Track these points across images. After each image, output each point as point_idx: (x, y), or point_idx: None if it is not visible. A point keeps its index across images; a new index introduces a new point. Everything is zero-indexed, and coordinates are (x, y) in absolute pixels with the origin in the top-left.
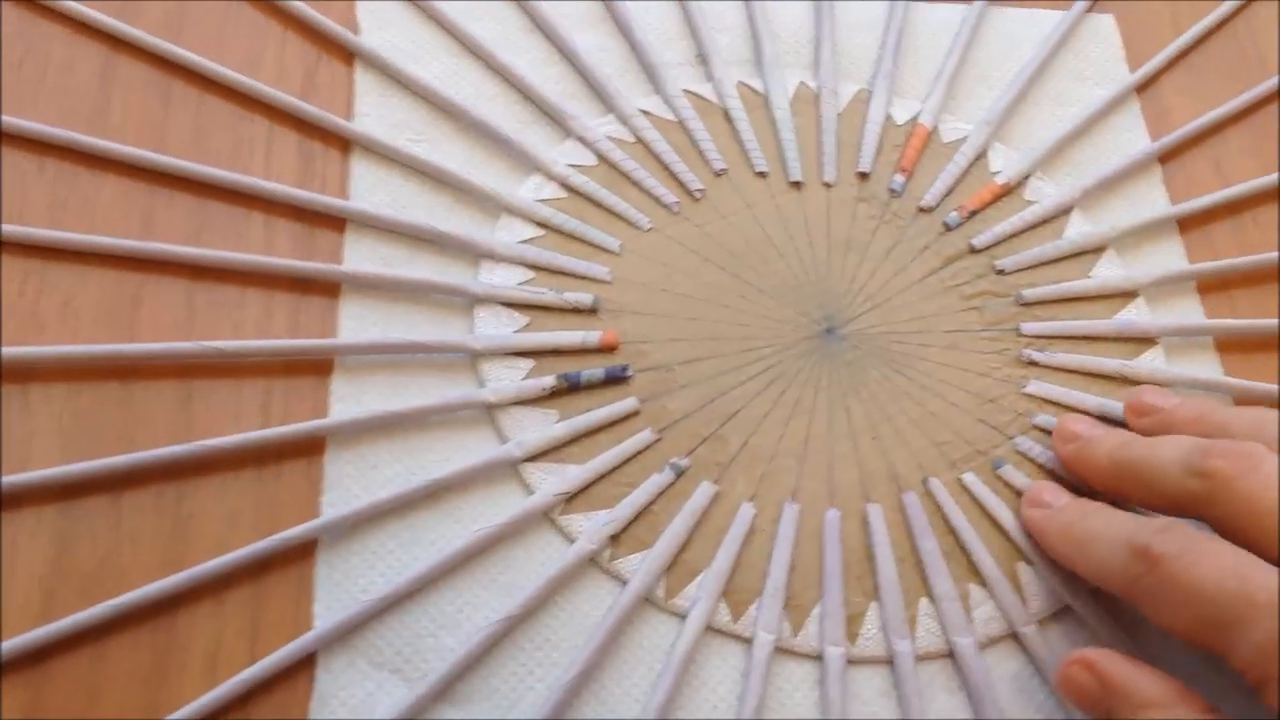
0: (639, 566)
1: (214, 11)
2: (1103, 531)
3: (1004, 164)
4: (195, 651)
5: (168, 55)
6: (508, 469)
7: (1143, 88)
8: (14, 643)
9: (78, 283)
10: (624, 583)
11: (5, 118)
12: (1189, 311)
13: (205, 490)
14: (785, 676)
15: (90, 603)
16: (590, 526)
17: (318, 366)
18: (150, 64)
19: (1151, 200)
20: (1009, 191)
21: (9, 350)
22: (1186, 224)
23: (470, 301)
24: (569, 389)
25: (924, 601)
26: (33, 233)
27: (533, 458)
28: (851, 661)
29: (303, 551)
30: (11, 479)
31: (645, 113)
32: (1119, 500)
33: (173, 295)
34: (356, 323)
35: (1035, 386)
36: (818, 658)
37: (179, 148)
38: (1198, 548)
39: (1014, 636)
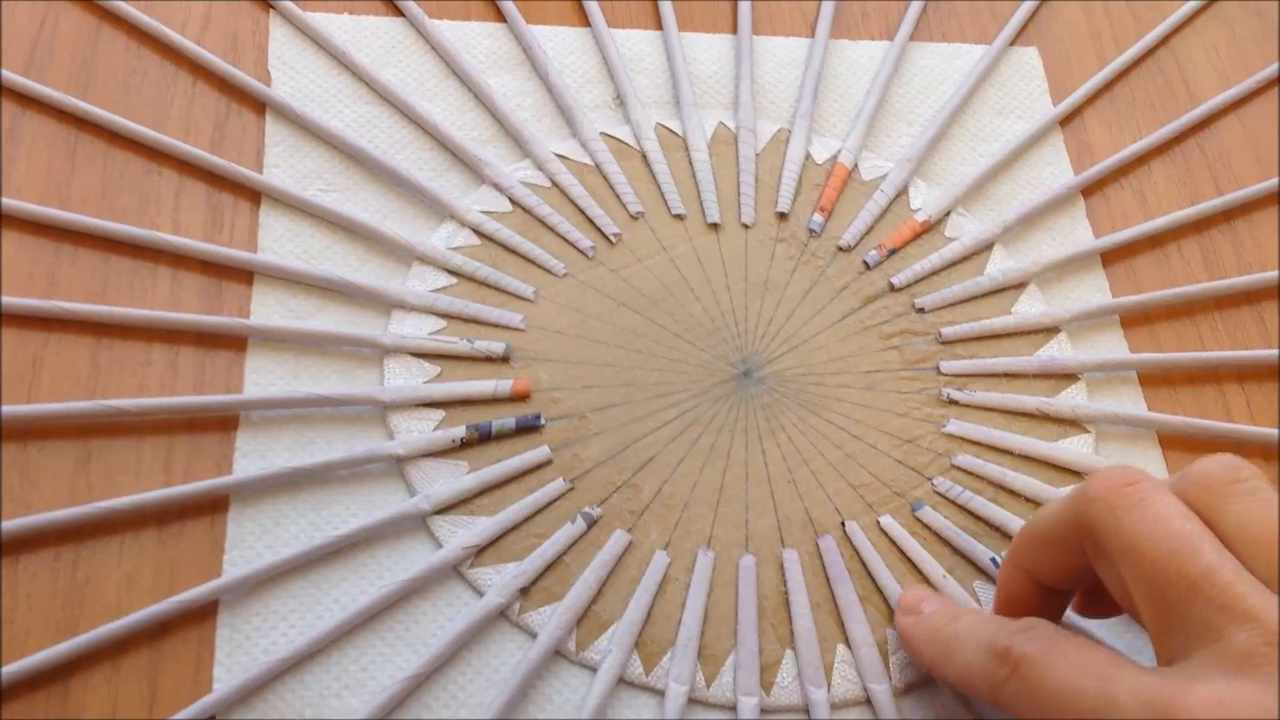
0: (549, 619)
1: (122, 63)
2: (967, 635)
3: (924, 201)
4: (91, 717)
5: (72, 110)
6: (416, 522)
7: (1066, 121)
8: None
9: None
10: (534, 636)
11: None
12: (1112, 346)
13: (103, 552)
14: None
15: None
16: (500, 580)
17: (223, 422)
18: (54, 119)
19: (1075, 234)
20: (929, 229)
21: None
22: (1109, 257)
23: (380, 353)
24: (480, 439)
25: (841, 648)
26: None
27: (442, 510)
28: (766, 711)
29: (204, 613)
30: None
31: (561, 156)
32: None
33: (76, 353)
34: (263, 377)
35: (955, 426)
36: (732, 708)
37: (84, 203)
38: (1057, 647)
39: (931, 681)
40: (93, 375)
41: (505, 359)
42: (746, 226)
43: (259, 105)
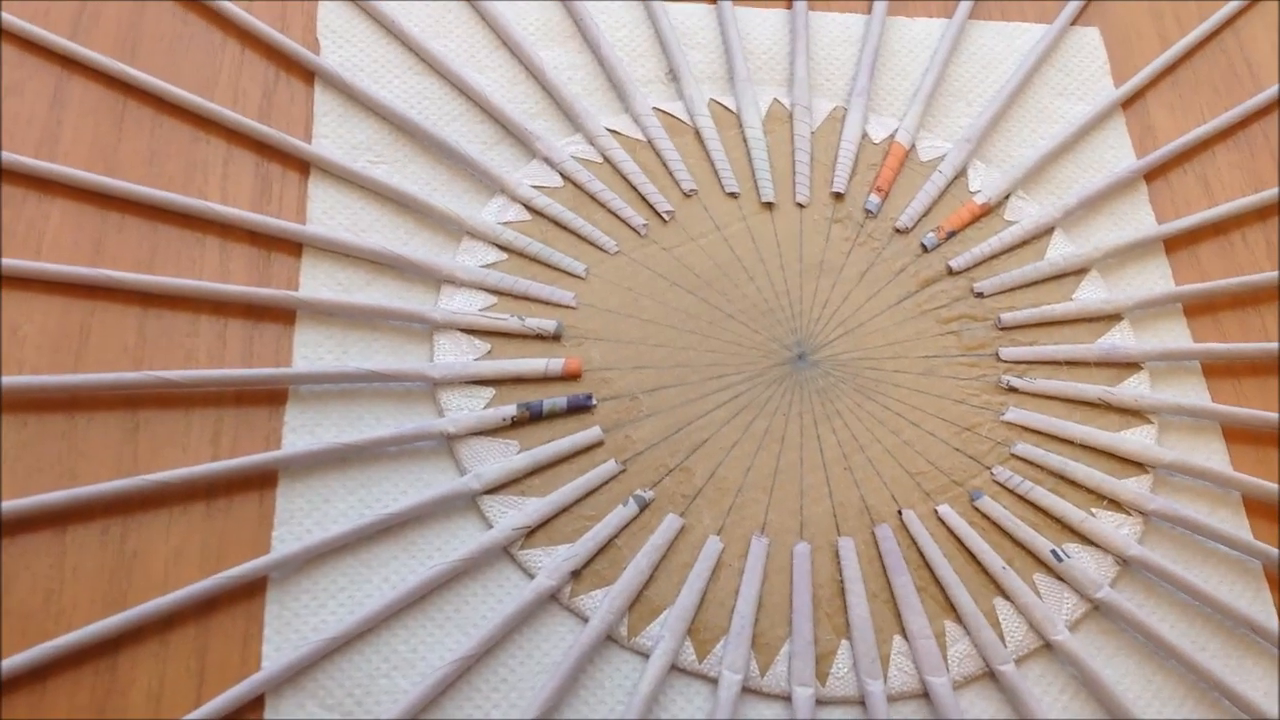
0: (601, 603)
1: (169, 31)
2: None
3: (984, 183)
4: (138, 693)
5: (121, 76)
6: (466, 502)
7: (1128, 103)
8: None
9: (25, 310)
10: (585, 620)
11: None
12: (1175, 335)
13: (151, 525)
14: (753, 718)
15: (32, 641)
16: (550, 562)
17: (271, 396)
18: (103, 85)
19: (1137, 220)
20: (988, 211)
21: None
22: (1173, 244)
23: (430, 328)
24: (531, 419)
25: (897, 639)
26: None
27: (492, 490)
28: (821, 702)
29: (252, 589)
30: None
31: (613, 132)
32: None
33: (123, 323)
34: (312, 350)
35: (1014, 414)
36: (786, 698)
37: (132, 171)
38: None
39: (991, 675)
40: (139, 345)
41: (556, 337)
42: (801, 206)
43: (308, 74)
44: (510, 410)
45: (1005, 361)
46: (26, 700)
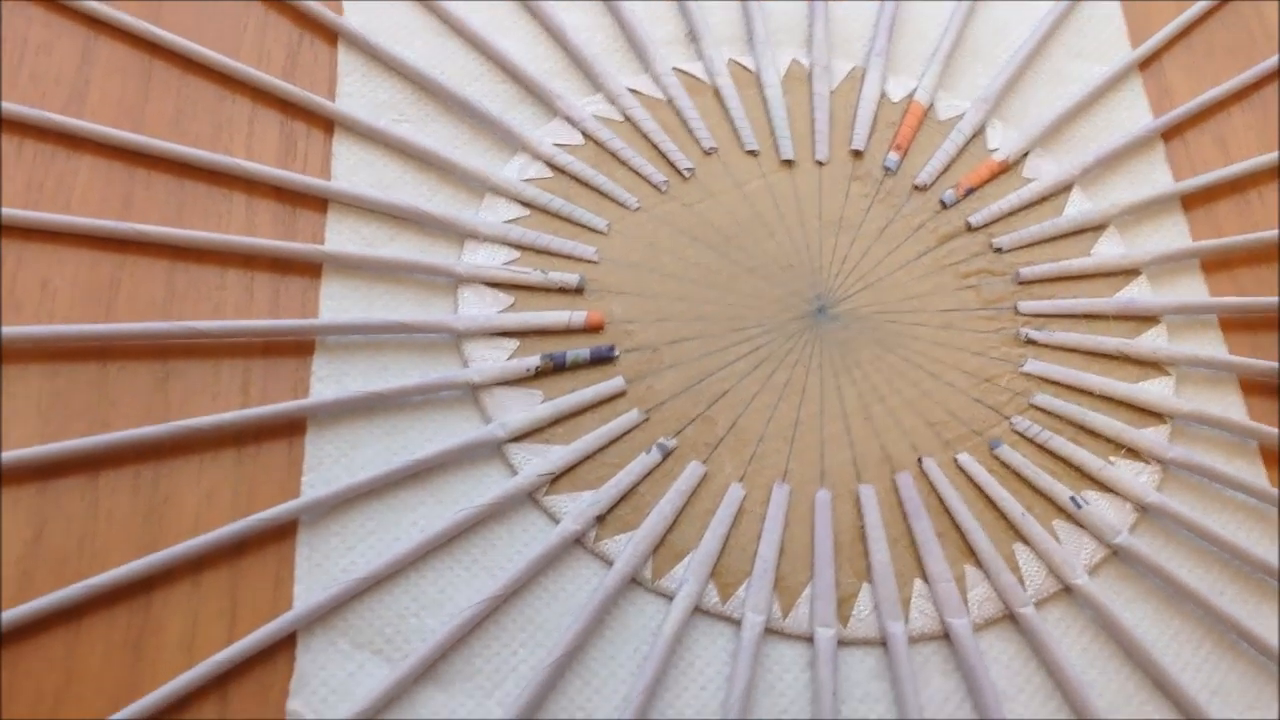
0: (625, 547)
1: None
2: None
3: (1002, 141)
4: (172, 632)
5: (148, 36)
6: (491, 449)
7: (1145, 64)
8: None
9: (55, 263)
10: (610, 564)
11: None
12: (1192, 289)
13: (183, 471)
14: (775, 658)
15: (66, 583)
16: (575, 507)
17: (298, 347)
18: (130, 45)
19: (1154, 178)
20: (1007, 169)
21: None
22: (1190, 201)
23: (454, 282)
24: (554, 369)
25: (918, 582)
26: (9, 213)
27: (517, 438)
28: (843, 643)
29: (282, 532)
30: None
31: (634, 91)
32: None
33: (152, 276)
34: (338, 303)
35: (1033, 365)
36: (808, 639)
37: (159, 128)
38: None
39: (1011, 618)
40: (168, 298)
41: (579, 290)
42: (820, 164)
43: (331, 35)
44: (534, 361)
45: (1024, 315)
46: (63, 638)
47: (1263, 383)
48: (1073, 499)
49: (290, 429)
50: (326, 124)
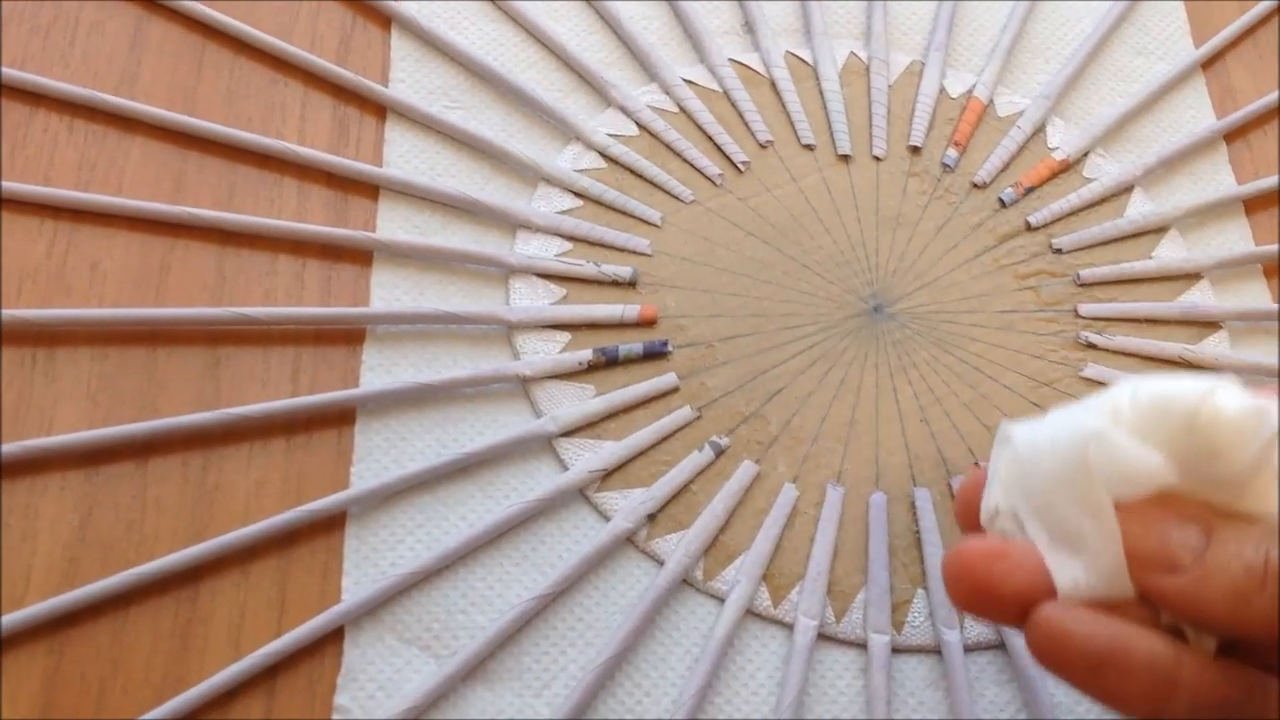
0: (677, 547)
1: None
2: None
3: (1062, 140)
4: (219, 623)
5: (200, 17)
6: (542, 444)
7: (1208, 64)
8: (37, 609)
9: (106, 245)
10: (661, 563)
11: (34, 77)
12: (1255, 295)
13: (232, 459)
14: (828, 664)
15: (113, 570)
16: (627, 505)
17: (349, 335)
18: (182, 26)
19: (1216, 180)
20: (1067, 168)
21: (35, 312)
22: (1253, 205)
23: (506, 272)
24: (606, 364)
25: None
26: (61, 194)
27: (568, 433)
28: (897, 650)
29: (331, 524)
30: (36, 443)
31: (689, 82)
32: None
33: (202, 260)
34: (389, 292)
35: (1093, 370)
36: (862, 645)
37: (211, 111)
38: None
39: None
40: (219, 283)
41: (632, 284)
42: (878, 159)
43: (384, 19)
44: (586, 355)
45: (1084, 318)
46: (109, 626)
47: None
48: None
49: (340, 418)
50: (379, 110)
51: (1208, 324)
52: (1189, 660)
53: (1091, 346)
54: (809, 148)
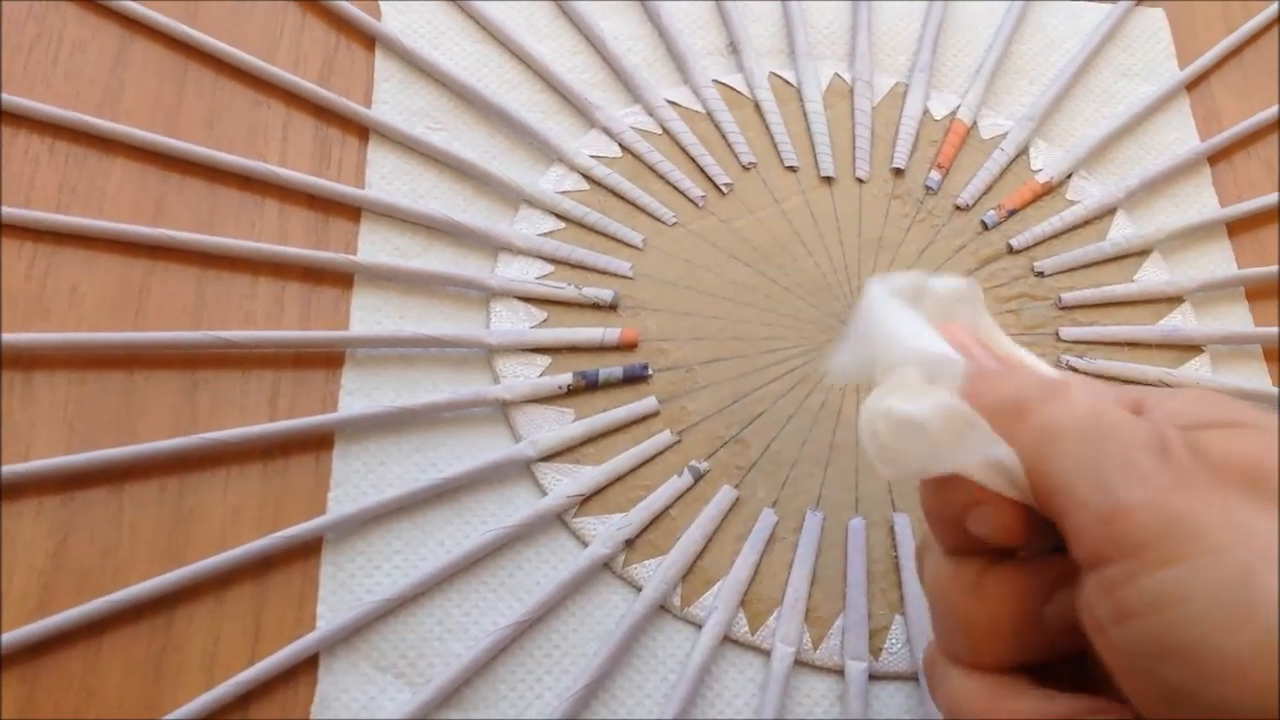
0: (654, 573)
1: None
2: None
3: (1046, 162)
4: (194, 650)
5: (183, 38)
6: (521, 468)
7: (1192, 85)
8: (10, 637)
9: (85, 268)
10: (638, 589)
11: (15, 99)
12: (1237, 318)
13: (209, 484)
14: (805, 690)
15: (88, 597)
16: (604, 530)
17: (328, 359)
18: (165, 46)
19: (1200, 202)
20: (1050, 190)
21: (13, 336)
22: (1236, 227)
23: (486, 295)
24: (586, 387)
25: None
26: (40, 216)
27: (547, 457)
28: (875, 677)
29: (307, 549)
30: (12, 469)
31: (672, 103)
32: None
33: (182, 283)
34: (369, 314)
35: None
36: (839, 672)
37: (192, 132)
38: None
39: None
40: (198, 306)
41: (613, 307)
42: (861, 181)
43: (368, 40)
44: (566, 378)
45: (1065, 341)
46: (83, 654)
47: None
48: None
49: (318, 443)
50: (361, 131)
51: (1189, 347)
52: None
53: (1073, 370)
54: (792, 169)
